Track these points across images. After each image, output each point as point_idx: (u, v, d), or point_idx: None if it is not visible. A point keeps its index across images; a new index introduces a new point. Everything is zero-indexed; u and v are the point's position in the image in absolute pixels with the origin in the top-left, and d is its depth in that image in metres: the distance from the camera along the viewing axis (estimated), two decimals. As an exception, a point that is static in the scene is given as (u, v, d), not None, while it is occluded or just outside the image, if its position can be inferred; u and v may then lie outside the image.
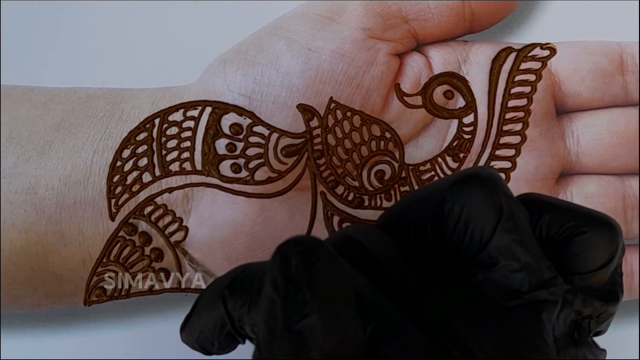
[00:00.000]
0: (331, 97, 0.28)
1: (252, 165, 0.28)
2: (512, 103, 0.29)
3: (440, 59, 0.30)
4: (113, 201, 0.28)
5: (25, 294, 0.29)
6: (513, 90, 0.29)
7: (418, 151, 0.30)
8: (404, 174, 0.29)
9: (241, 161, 0.28)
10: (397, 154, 0.29)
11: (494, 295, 0.21)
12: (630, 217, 0.30)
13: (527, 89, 0.29)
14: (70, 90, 0.30)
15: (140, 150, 0.28)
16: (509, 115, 0.29)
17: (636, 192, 0.30)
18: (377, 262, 0.21)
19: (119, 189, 0.28)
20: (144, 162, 0.28)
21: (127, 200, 0.28)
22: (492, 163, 0.29)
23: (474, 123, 0.29)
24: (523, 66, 0.29)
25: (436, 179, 0.29)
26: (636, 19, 0.32)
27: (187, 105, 0.28)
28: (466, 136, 0.29)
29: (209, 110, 0.28)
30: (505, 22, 0.31)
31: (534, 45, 0.30)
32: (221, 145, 0.28)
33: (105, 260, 0.28)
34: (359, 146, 0.29)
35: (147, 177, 0.28)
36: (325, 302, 0.18)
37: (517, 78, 0.30)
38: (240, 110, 0.28)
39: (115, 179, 0.28)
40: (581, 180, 0.31)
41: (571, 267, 0.22)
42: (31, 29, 0.34)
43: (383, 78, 0.29)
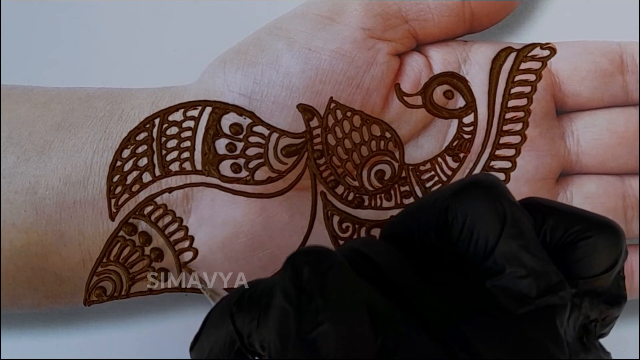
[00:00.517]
0: (331, 97, 0.28)
1: (252, 165, 0.28)
2: (512, 103, 0.29)
3: (440, 59, 0.30)
4: (113, 201, 0.28)
5: (25, 294, 0.29)
6: (513, 90, 0.29)
7: (418, 151, 0.30)
8: (404, 174, 0.29)
9: (241, 161, 0.28)
10: (397, 154, 0.29)
11: (503, 303, 0.21)
12: (630, 217, 0.30)
13: (527, 89, 0.29)
14: (70, 90, 0.30)
15: (140, 150, 0.28)
16: (509, 115, 0.29)
17: (636, 192, 0.30)
18: (384, 273, 0.21)
19: (119, 189, 0.28)
20: (144, 162, 0.28)
21: (127, 200, 0.28)
22: (492, 163, 0.30)
23: (474, 123, 0.29)
24: (523, 66, 0.30)
25: (436, 179, 0.29)
26: (636, 19, 0.32)
27: (187, 105, 0.28)
28: (466, 136, 0.29)
29: (209, 110, 0.28)
30: (505, 22, 0.31)
31: (534, 45, 0.30)
32: (221, 145, 0.28)
33: (105, 260, 0.28)
34: (359, 146, 0.29)
35: (147, 177, 0.28)
36: (338, 310, 0.18)
37: (517, 78, 0.30)
38: (240, 110, 0.28)
39: (115, 178, 0.28)
40: (581, 180, 0.31)
41: (576, 272, 0.22)
42: (31, 29, 0.34)
43: (383, 78, 0.29)
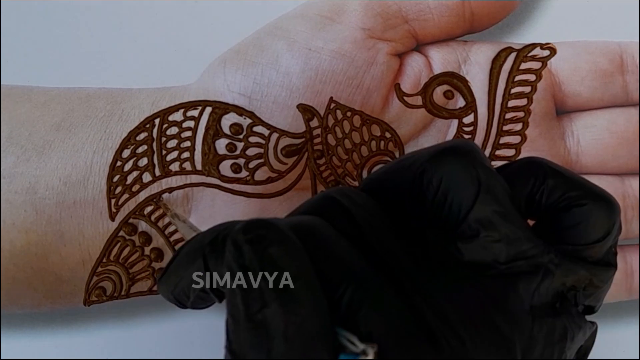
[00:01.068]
0: (331, 97, 0.28)
1: (252, 165, 0.28)
2: (512, 103, 0.29)
3: (440, 59, 0.30)
4: (113, 201, 0.28)
5: (25, 294, 0.29)
6: (513, 90, 0.29)
7: (418, 151, 0.30)
8: (404, 174, 0.29)
9: (241, 161, 0.28)
10: (397, 154, 0.29)
11: (472, 265, 0.21)
12: (630, 217, 0.30)
13: (527, 89, 0.29)
14: (70, 90, 0.30)
15: (140, 150, 0.28)
16: (509, 115, 0.29)
17: (636, 192, 0.30)
18: (358, 225, 0.21)
19: (119, 189, 0.28)
20: (144, 162, 0.28)
21: (127, 200, 0.28)
22: (492, 163, 0.29)
23: (474, 123, 0.29)
24: (523, 66, 0.30)
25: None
26: (636, 19, 0.32)
27: (187, 105, 0.28)
28: (466, 136, 0.29)
29: (209, 110, 0.28)
30: (505, 22, 0.31)
31: (534, 45, 0.30)
32: (221, 145, 0.28)
33: (105, 260, 0.28)
34: (359, 146, 0.29)
35: (147, 177, 0.28)
36: (281, 289, 0.18)
37: (517, 78, 0.30)
38: (240, 110, 0.28)
39: (115, 179, 0.28)
40: (581, 181, 0.31)
41: (567, 238, 0.22)
42: (31, 29, 0.34)
43: (383, 78, 0.29)
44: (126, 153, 0.28)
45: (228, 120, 0.28)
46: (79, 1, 0.34)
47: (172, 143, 0.28)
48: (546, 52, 0.29)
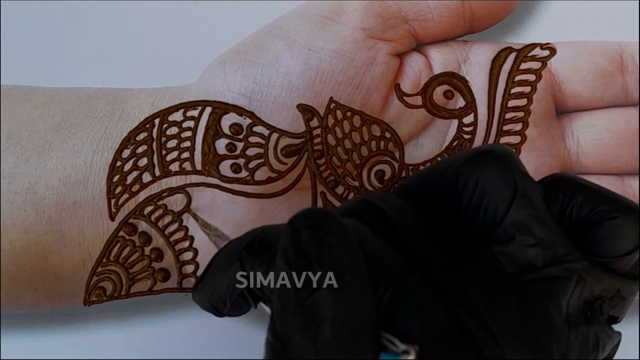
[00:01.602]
0: (331, 97, 0.28)
1: (252, 165, 0.28)
2: (512, 103, 0.29)
3: (440, 59, 0.30)
4: (113, 201, 0.28)
5: (25, 294, 0.29)
6: (513, 90, 0.29)
7: (418, 151, 0.30)
8: (404, 174, 0.29)
9: (241, 161, 0.28)
10: (397, 154, 0.29)
11: (509, 269, 0.21)
12: (630, 218, 0.30)
13: (527, 89, 0.29)
14: (70, 90, 0.30)
15: (140, 150, 0.28)
16: (509, 115, 0.29)
17: (636, 192, 0.30)
18: (395, 228, 0.21)
19: (119, 189, 0.28)
20: (143, 162, 0.28)
21: (127, 200, 0.28)
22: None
23: (474, 123, 0.29)
24: (523, 66, 0.29)
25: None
26: (636, 19, 0.32)
27: (187, 105, 0.28)
28: (466, 136, 0.29)
29: (209, 110, 0.28)
30: (505, 22, 0.31)
31: (533, 45, 0.30)
32: (221, 145, 0.28)
33: (105, 260, 0.28)
34: (359, 146, 0.29)
35: (147, 177, 0.28)
36: (335, 276, 0.18)
37: (517, 78, 0.29)
38: (240, 110, 0.28)
39: (115, 179, 0.28)
40: (581, 181, 0.31)
41: (597, 250, 0.22)
42: (31, 29, 0.34)
43: (383, 78, 0.29)
44: (126, 153, 0.28)
45: (228, 120, 0.28)
46: (79, 1, 0.34)
47: (172, 143, 0.28)
48: (546, 52, 0.29)
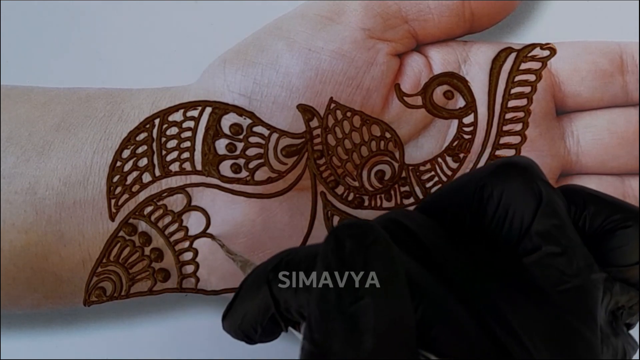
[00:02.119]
0: (331, 98, 0.28)
1: (252, 165, 0.28)
2: (512, 103, 0.29)
3: (440, 59, 0.30)
4: (113, 201, 0.28)
5: (25, 294, 0.29)
6: (513, 91, 0.29)
7: (418, 151, 0.30)
8: (404, 174, 0.29)
9: (241, 161, 0.28)
10: (397, 154, 0.29)
11: (540, 281, 0.21)
12: (630, 218, 0.30)
13: (527, 89, 0.29)
14: (70, 91, 0.30)
15: (140, 150, 0.28)
16: (509, 116, 0.29)
17: (636, 192, 0.30)
18: (423, 245, 0.21)
19: (119, 189, 0.28)
20: (143, 162, 0.28)
21: (127, 200, 0.28)
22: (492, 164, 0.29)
23: (474, 123, 0.29)
24: (523, 66, 0.29)
25: (436, 179, 0.29)
26: (636, 19, 0.32)
27: (187, 106, 0.28)
28: (466, 136, 0.29)
29: (209, 110, 0.28)
30: (505, 22, 0.31)
31: (533, 46, 0.30)
32: (221, 145, 0.28)
33: (105, 261, 0.28)
34: (359, 146, 0.29)
35: (147, 177, 0.28)
36: (379, 285, 0.18)
37: (517, 78, 0.29)
38: (240, 111, 0.28)
39: (115, 179, 0.28)
40: (581, 181, 0.31)
41: (611, 260, 0.22)
42: (32, 29, 0.34)
43: (383, 78, 0.29)
44: (126, 153, 0.28)
45: (228, 120, 0.28)
46: (79, 1, 0.34)
47: (172, 143, 0.28)
48: (546, 52, 0.29)
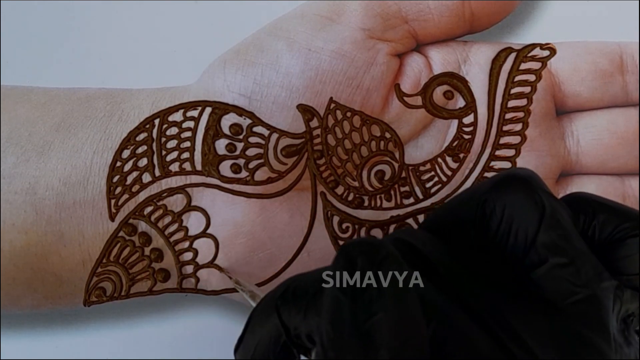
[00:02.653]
0: (331, 98, 0.28)
1: (252, 165, 0.28)
2: (512, 103, 0.29)
3: (440, 59, 0.30)
4: (113, 201, 0.28)
5: (25, 294, 0.29)
6: (513, 91, 0.29)
7: (418, 151, 0.30)
8: (404, 174, 0.29)
9: (241, 161, 0.28)
10: (397, 154, 0.29)
11: (549, 293, 0.21)
12: (630, 218, 0.30)
13: (527, 89, 0.29)
14: (70, 91, 0.30)
15: (140, 150, 0.28)
16: (508, 116, 0.29)
17: (636, 192, 0.30)
18: (430, 262, 0.21)
19: (119, 190, 0.28)
20: (143, 162, 0.28)
21: (127, 200, 0.28)
22: (492, 163, 0.29)
23: (474, 123, 0.29)
24: (523, 66, 0.29)
25: (436, 179, 0.29)
26: (636, 19, 0.32)
27: (187, 106, 0.28)
28: (466, 136, 0.29)
29: (208, 110, 0.28)
30: (505, 22, 0.31)
31: (533, 46, 0.30)
32: (221, 145, 0.28)
33: (105, 261, 0.28)
34: (358, 146, 0.29)
35: (147, 178, 0.28)
36: (393, 300, 0.18)
37: (517, 78, 0.29)
38: (240, 111, 0.28)
39: (115, 179, 0.28)
40: (581, 181, 0.31)
41: (621, 268, 0.22)
42: (31, 29, 0.34)
43: (383, 78, 0.29)
44: (126, 153, 0.28)
45: (228, 120, 0.28)
46: (79, 1, 0.34)
47: (172, 143, 0.28)
48: (546, 52, 0.29)
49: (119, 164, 0.28)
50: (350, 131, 0.29)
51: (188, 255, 0.29)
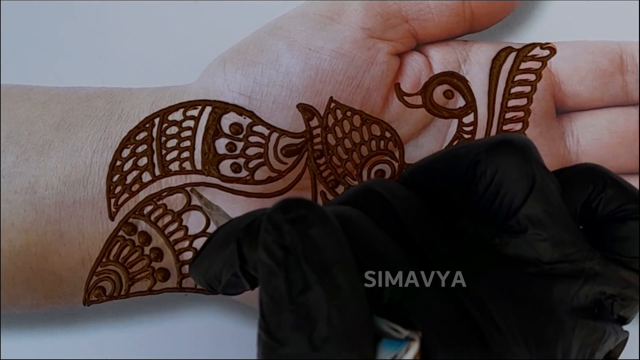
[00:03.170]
0: (331, 97, 0.28)
1: (252, 164, 0.28)
2: (512, 103, 0.29)
3: (440, 58, 0.30)
4: (113, 201, 0.28)
5: (24, 294, 0.29)
6: (513, 90, 0.29)
7: (418, 151, 0.30)
8: (404, 174, 0.29)
9: (241, 161, 0.28)
10: (397, 154, 0.29)
11: (514, 260, 0.21)
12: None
13: (527, 89, 0.29)
14: (70, 90, 0.30)
15: (140, 149, 0.28)
16: (508, 115, 0.29)
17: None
18: (398, 217, 0.21)
19: (119, 189, 0.28)
20: (143, 161, 0.28)
21: (126, 199, 0.28)
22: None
23: (474, 123, 0.29)
24: (523, 66, 0.29)
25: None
26: (636, 19, 0.32)
27: (187, 105, 0.28)
28: (466, 136, 0.29)
29: (208, 109, 0.28)
30: (505, 22, 0.31)
31: (533, 45, 0.30)
32: (221, 144, 0.28)
33: (104, 260, 0.28)
34: (359, 146, 0.29)
35: (146, 177, 0.28)
36: (324, 272, 0.18)
37: (517, 78, 0.29)
38: (240, 110, 0.28)
39: (115, 178, 0.28)
40: (581, 180, 0.31)
41: (615, 248, 0.22)
42: (31, 29, 0.34)
43: (383, 78, 0.29)
44: (126, 152, 0.28)
45: (228, 119, 0.28)
46: (79, 1, 0.34)
47: (171, 142, 0.28)
48: (546, 52, 0.29)
49: (118, 163, 0.28)
50: (351, 130, 0.29)
51: (188, 255, 0.29)
